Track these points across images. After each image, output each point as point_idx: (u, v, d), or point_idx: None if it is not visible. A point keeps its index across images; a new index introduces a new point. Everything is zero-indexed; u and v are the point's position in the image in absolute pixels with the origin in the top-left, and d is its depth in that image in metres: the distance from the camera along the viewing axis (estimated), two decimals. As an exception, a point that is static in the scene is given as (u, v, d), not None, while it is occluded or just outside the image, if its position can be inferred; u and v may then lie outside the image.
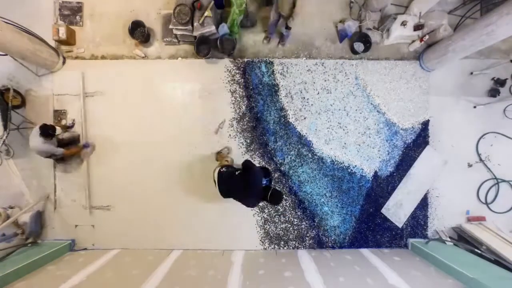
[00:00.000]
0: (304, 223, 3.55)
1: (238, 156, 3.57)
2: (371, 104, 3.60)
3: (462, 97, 3.63)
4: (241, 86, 3.59)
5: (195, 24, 3.26)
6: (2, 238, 3.21)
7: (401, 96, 3.61)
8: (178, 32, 3.40)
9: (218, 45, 3.39)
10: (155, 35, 3.61)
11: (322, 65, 3.61)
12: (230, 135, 3.58)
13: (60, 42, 3.55)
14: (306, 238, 3.55)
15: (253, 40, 3.64)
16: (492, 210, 3.57)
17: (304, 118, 3.59)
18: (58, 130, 3.12)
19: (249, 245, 3.54)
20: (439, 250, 3.19)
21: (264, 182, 2.54)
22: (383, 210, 3.56)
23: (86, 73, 3.58)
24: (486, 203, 3.57)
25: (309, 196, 3.56)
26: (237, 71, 3.59)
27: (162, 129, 3.59)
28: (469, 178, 3.60)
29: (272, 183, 3.27)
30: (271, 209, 3.55)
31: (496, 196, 3.57)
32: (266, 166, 3.47)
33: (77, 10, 3.65)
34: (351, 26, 3.47)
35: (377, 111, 3.60)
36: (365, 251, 3.46)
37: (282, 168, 3.57)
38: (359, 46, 3.58)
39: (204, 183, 3.56)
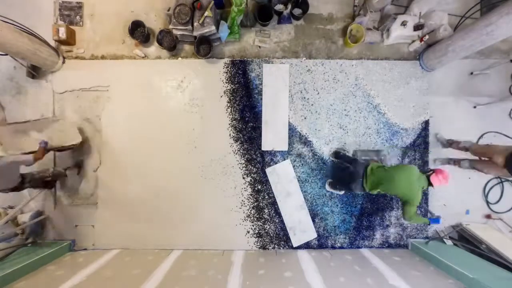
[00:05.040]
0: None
1: (240, 155, 3.57)
2: (371, 104, 3.60)
3: (462, 97, 3.62)
4: (241, 86, 3.59)
5: (195, 24, 3.26)
6: (2, 238, 3.22)
7: (401, 96, 3.61)
8: (178, 32, 3.40)
9: (195, 47, 3.43)
10: (155, 35, 3.60)
11: (322, 65, 3.61)
12: (230, 135, 3.58)
13: (60, 42, 3.55)
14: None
15: (253, 40, 3.64)
16: (493, 210, 3.56)
17: (304, 118, 3.60)
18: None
19: (248, 245, 3.54)
20: (439, 250, 3.19)
21: None
22: (295, 244, 3.49)
23: (86, 73, 3.59)
24: (487, 202, 3.57)
25: (309, 196, 3.56)
26: (237, 71, 3.59)
27: (161, 128, 3.59)
28: (469, 177, 3.59)
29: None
30: (271, 209, 3.55)
31: (501, 195, 3.56)
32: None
33: (77, 10, 3.65)
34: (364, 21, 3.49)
35: (377, 111, 3.60)
36: (365, 251, 3.46)
37: (282, 168, 3.57)
38: (297, 11, 3.54)
39: (204, 182, 3.57)
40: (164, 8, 3.54)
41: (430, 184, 2.57)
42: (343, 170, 3.38)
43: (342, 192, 3.51)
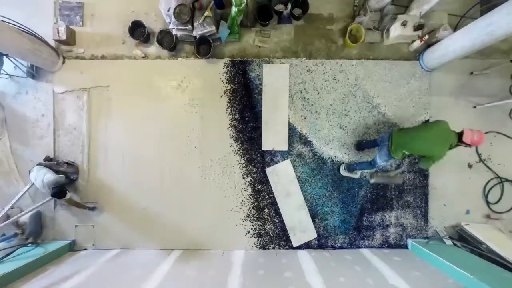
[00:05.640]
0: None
1: (240, 155, 3.57)
2: (371, 104, 3.60)
3: (462, 97, 3.62)
4: (241, 86, 3.59)
5: (195, 24, 3.26)
6: (2, 238, 3.22)
7: (401, 96, 3.60)
8: (178, 32, 3.40)
9: (195, 47, 3.45)
10: (155, 35, 3.60)
11: (322, 65, 3.61)
12: (230, 135, 3.58)
13: (60, 42, 3.55)
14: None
15: (253, 40, 3.63)
16: (493, 210, 3.56)
17: (304, 118, 3.60)
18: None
19: (248, 245, 3.54)
20: (439, 250, 3.19)
21: None
22: (295, 244, 3.49)
23: (86, 73, 3.59)
24: (487, 202, 3.57)
25: (309, 196, 3.56)
26: (237, 71, 3.59)
27: (161, 128, 3.59)
28: (469, 177, 3.59)
29: None
30: (271, 209, 3.55)
31: (501, 195, 3.55)
32: None
33: (77, 10, 3.65)
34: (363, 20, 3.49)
35: (377, 111, 3.60)
36: (365, 251, 3.46)
37: (282, 168, 3.56)
38: (297, 11, 3.55)
39: (204, 182, 3.57)
40: (164, 8, 3.53)
41: (460, 141, 2.43)
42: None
43: (357, 176, 3.48)
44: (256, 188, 3.57)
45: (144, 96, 3.60)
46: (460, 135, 2.48)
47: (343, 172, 3.50)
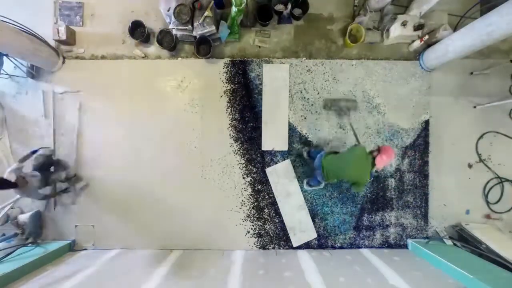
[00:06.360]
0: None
1: (240, 155, 3.57)
2: (371, 104, 3.60)
3: (462, 97, 3.62)
4: (241, 86, 3.59)
5: (195, 24, 3.27)
6: (2, 238, 3.22)
7: (401, 96, 3.61)
8: (178, 32, 3.40)
9: (194, 47, 3.46)
10: (155, 35, 3.60)
11: (322, 65, 3.61)
12: (230, 135, 3.58)
13: (60, 42, 3.55)
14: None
15: (253, 40, 3.63)
16: (493, 210, 3.56)
17: (304, 118, 3.60)
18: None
19: (248, 245, 3.54)
20: (439, 250, 3.19)
21: None
22: (295, 244, 3.48)
23: (86, 73, 3.59)
24: (487, 202, 3.56)
25: (309, 196, 3.56)
26: (237, 71, 3.59)
27: (161, 128, 3.59)
28: (469, 177, 3.59)
29: None
30: (271, 209, 3.55)
31: (501, 195, 3.55)
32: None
33: (77, 10, 3.65)
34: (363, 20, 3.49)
35: (377, 111, 3.60)
36: (365, 251, 3.46)
37: (282, 168, 3.56)
38: (297, 11, 3.55)
39: (204, 182, 3.57)
40: (164, 8, 3.54)
41: (374, 165, 2.50)
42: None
43: (321, 186, 3.50)
44: (256, 188, 3.57)
45: (144, 96, 3.59)
46: (374, 159, 2.50)
47: (306, 187, 3.53)
